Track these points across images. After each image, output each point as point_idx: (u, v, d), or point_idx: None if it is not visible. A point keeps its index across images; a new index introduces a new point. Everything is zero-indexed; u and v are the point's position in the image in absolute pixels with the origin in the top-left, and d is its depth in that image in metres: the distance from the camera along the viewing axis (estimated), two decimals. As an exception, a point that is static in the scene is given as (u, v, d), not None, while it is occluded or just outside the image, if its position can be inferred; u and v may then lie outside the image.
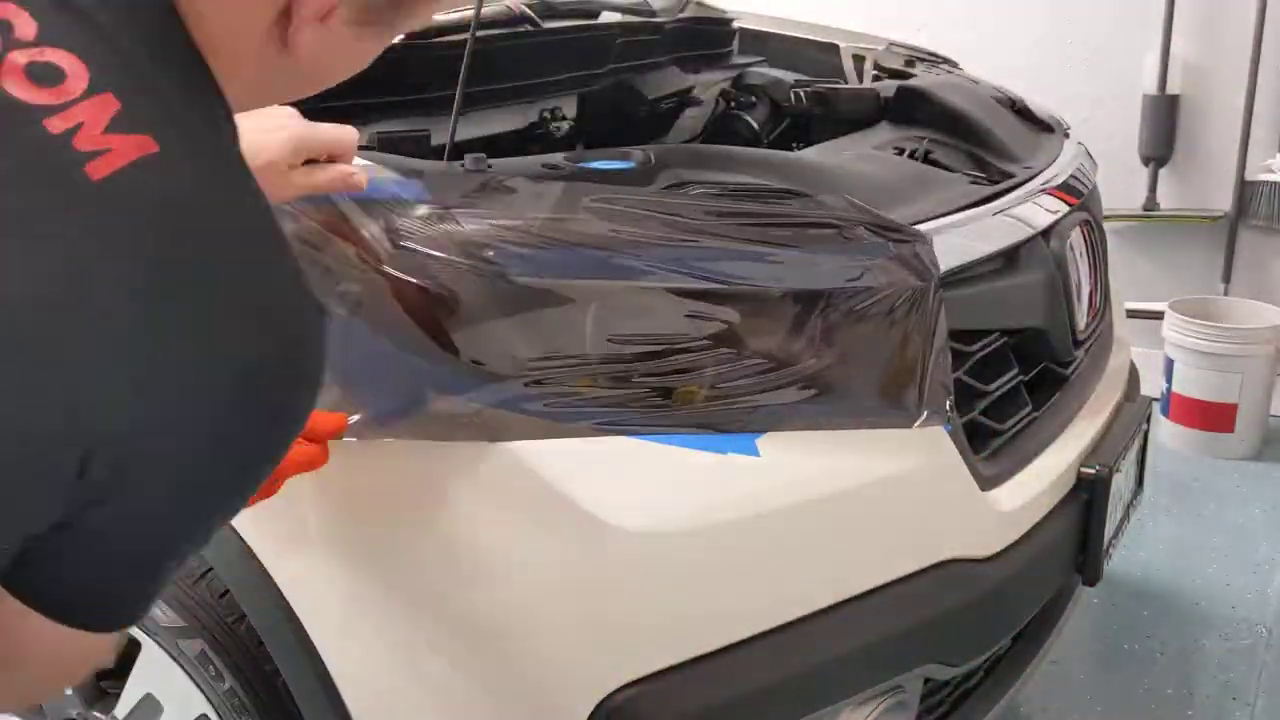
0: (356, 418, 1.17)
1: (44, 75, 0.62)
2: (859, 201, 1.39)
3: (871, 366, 1.31)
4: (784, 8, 2.69)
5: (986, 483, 1.43)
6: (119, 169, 0.61)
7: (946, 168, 1.77)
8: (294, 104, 1.00)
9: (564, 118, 2.07)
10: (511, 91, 1.97)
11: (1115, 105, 3.58)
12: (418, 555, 1.23)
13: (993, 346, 1.54)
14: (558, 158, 1.44)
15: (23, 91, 0.61)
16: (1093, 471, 1.61)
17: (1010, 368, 1.57)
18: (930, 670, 1.40)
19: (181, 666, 1.40)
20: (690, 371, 1.24)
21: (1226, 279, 3.58)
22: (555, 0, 2.21)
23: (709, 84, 2.32)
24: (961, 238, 1.51)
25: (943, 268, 1.39)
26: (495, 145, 1.75)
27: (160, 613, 1.39)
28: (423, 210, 1.21)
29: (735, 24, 2.50)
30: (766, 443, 1.25)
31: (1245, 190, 3.50)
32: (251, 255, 0.67)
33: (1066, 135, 2.09)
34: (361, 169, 1.14)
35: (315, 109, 0.98)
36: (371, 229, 1.20)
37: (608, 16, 2.30)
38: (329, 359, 0.72)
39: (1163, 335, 3.37)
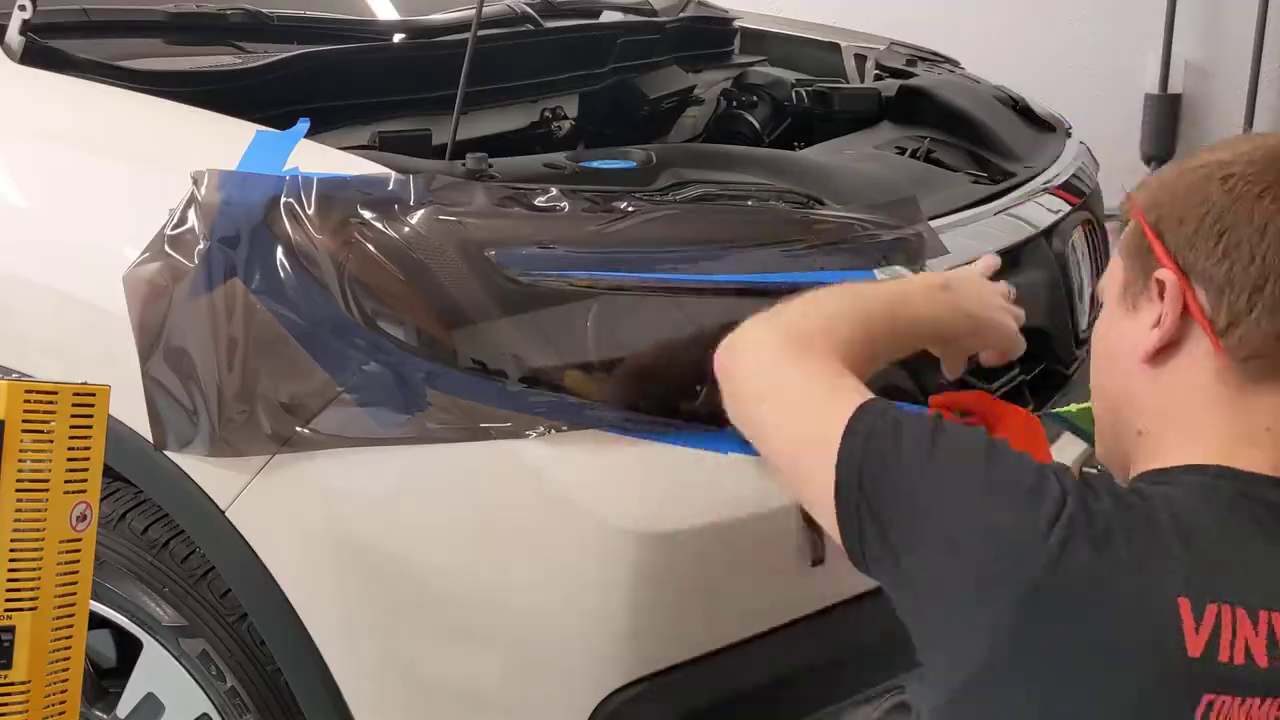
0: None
1: None
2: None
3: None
4: (787, 8, 2.69)
5: (988, 482, 1.42)
6: None
7: (948, 167, 1.77)
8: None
9: (565, 117, 2.07)
10: (513, 91, 1.96)
11: (1117, 105, 3.57)
12: (418, 556, 1.23)
13: (994, 346, 1.53)
14: (559, 157, 1.44)
15: None
16: (1095, 471, 1.61)
17: (1012, 367, 1.57)
18: (931, 670, 1.40)
19: (183, 666, 1.40)
20: (690, 370, 1.24)
21: (1228, 278, 3.57)
22: (556, -1, 2.21)
23: (710, 83, 2.32)
24: (963, 237, 1.50)
25: (943, 267, 1.39)
26: (496, 145, 1.75)
27: (162, 612, 1.40)
28: (424, 210, 1.21)
29: (736, 23, 2.49)
30: (767, 442, 1.25)
31: (1247, 189, 3.49)
32: None
33: (1068, 135, 2.08)
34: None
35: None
36: (373, 229, 1.20)
37: (609, 16, 2.30)
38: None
39: (1164, 335, 3.36)
